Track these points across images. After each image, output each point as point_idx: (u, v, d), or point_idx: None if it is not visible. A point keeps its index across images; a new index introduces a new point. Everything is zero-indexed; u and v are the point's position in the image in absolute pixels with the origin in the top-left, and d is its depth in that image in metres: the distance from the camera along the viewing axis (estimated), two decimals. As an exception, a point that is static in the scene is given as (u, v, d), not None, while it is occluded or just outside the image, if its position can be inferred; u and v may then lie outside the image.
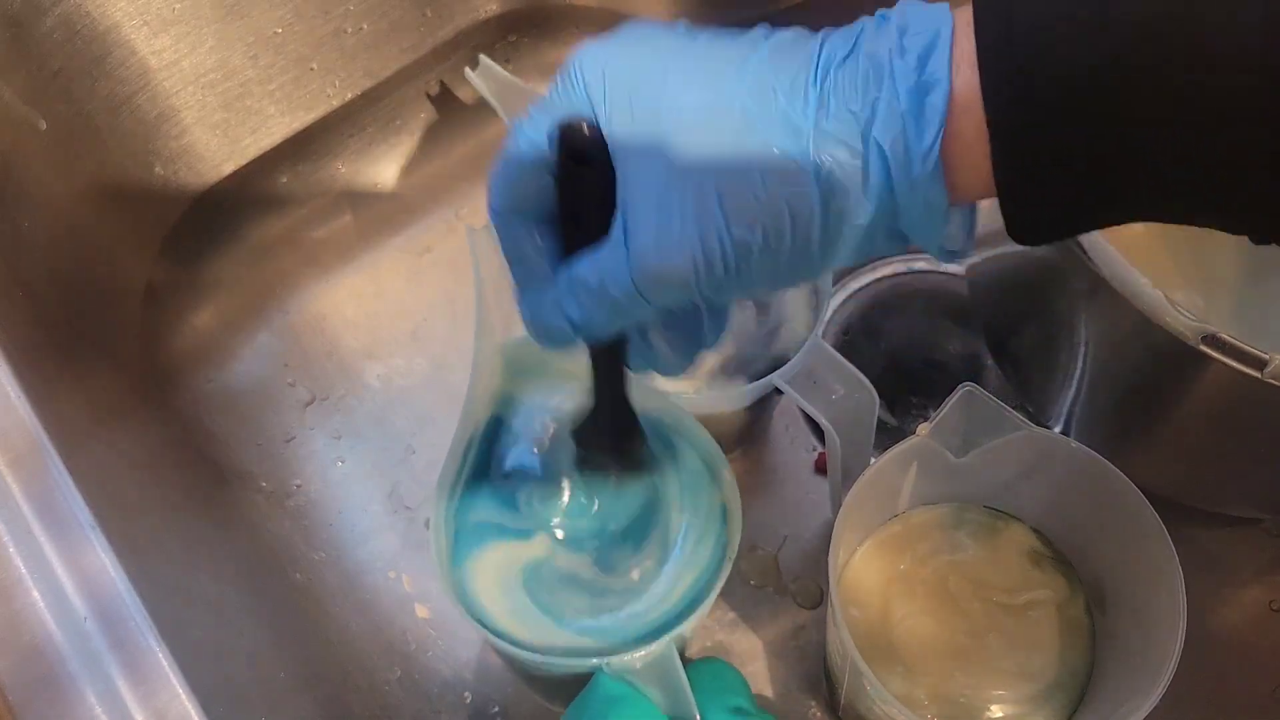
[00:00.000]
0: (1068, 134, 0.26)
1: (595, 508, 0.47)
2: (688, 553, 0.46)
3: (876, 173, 0.28)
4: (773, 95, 0.29)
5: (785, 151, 0.29)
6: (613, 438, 0.44)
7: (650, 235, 0.30)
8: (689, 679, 0.41)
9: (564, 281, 0.33)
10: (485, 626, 0.43)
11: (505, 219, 0.34)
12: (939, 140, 0.28)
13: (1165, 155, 0.26)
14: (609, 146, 0.31)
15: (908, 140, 0.28)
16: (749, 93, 0.29)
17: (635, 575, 0.45)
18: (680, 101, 0.30)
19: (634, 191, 0.31)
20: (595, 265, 0.32)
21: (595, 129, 0.31)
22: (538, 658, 0.42)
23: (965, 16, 0.28)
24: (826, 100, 0.29)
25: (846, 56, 0.29)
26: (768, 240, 0.30)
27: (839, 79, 0.29)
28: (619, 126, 0.31)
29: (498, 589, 0.45)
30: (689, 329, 0.36)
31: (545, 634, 0.44)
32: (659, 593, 0.45)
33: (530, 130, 0.32)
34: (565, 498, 0.47)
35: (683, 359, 0.36)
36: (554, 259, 0.34)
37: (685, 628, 0.42)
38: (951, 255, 0.31)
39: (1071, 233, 0.30)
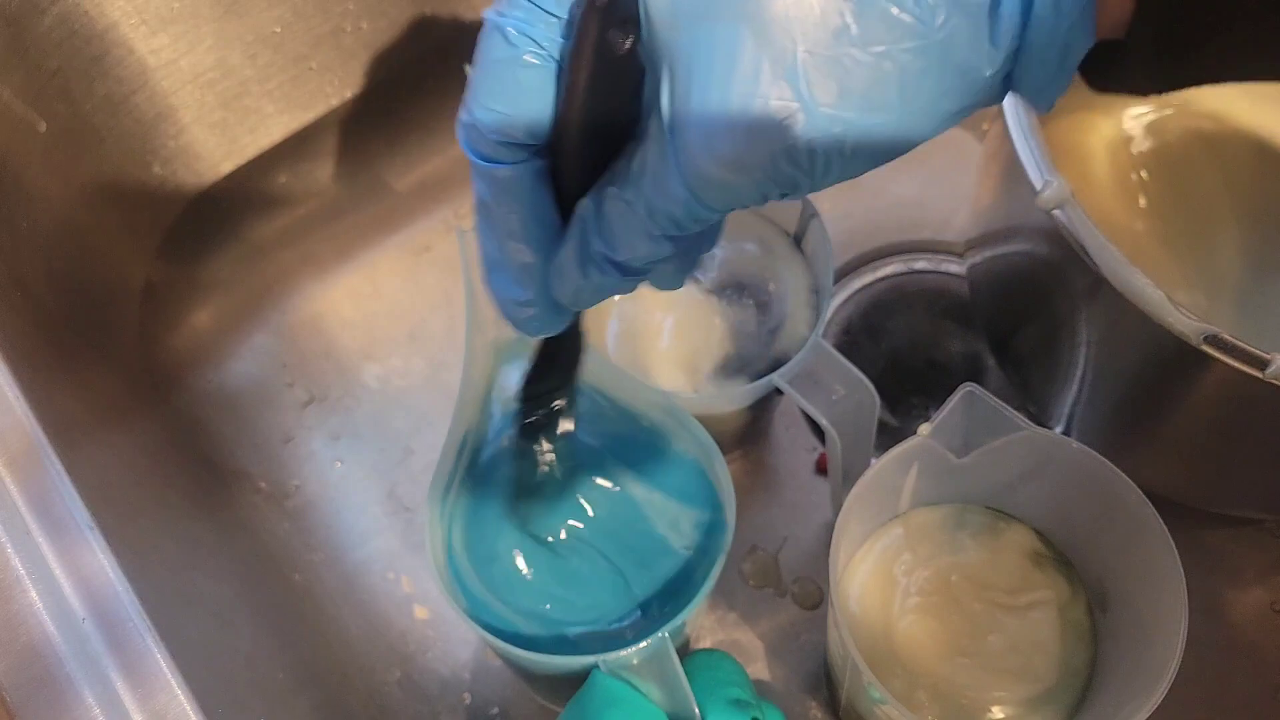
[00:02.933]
0: None
1: (590, 504, 0.47)
2: (682, 548, 0.46)
3: (1011, 7, 0.24)
4: None
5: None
6: (566, 371, 0.40)
7: (718, 123, 0.24)
8: (686, 673, 0.41)
9: (602, 213, 0.27)
10: (482, 626, 0.43)
11: (493, 147, 0.27)
12: None
13: None
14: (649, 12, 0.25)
15: None
16: None
17: (630, 571, 0.45)
18: None
19: (687, 69, 0.24)
20: (643, 183, 0.26)
21: None
22: (534, 656, 0.42)
23: None
24: None
25: None
26: (868, 107, 0.24)
27: None
28: None
29: (494, 588, 0.45)
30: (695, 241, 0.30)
31: (541, 632, 0.44)
32: (654, 589, 0.45)
33: (522, 10, 0.26)
34: (560, 495, 0.47)
35: (682, 271, 0.30)
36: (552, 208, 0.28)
37: (680, 622, 0.42)
38: (1049, 106, 0.26)
39: (1195, 81, 0.25)
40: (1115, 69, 0.25)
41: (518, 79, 0.26)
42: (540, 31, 0.26)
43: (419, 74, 0.66)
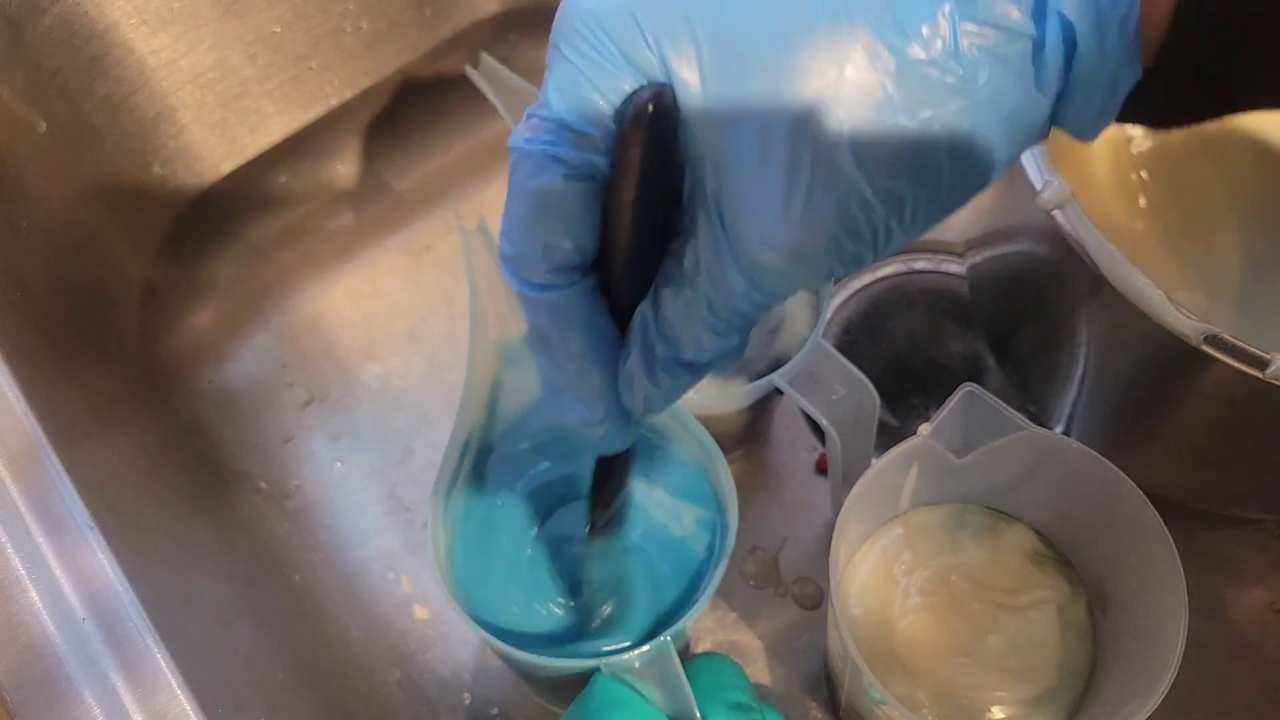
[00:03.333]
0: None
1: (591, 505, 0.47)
2: (684, 550, 0.46)
3: (1055, 53, 0.23)
4: None
5: (935, 60, 0.23)
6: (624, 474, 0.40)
7: (769, 213, 0.24)
8: (688, 676, 0.41)
9: (660, 319, 0.26)
10: (483, 626, 0.43)
11: (541, 274, 0.26)
12: (1137, 4, 0.23)
13: None
14: (685, 120, 0.25)
15: (1100, 8, 0.23)
16: None
17: (632, 573, 0.45)
18: (767, 26, 0.23)
19: (734, 163, 0.24)
20: (694, 283, 0.26)
21: (673, 95, 0.24)
22: (535, 659, 0.42)
23: None
24: None
25: None
26: (923, 180, 0.24)
27: None
28: (690, 86, 0.24)
29: (495, 589, 0.45)
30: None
31: (542, 634, 0.44)
32: (656, 591, 0.45)
33: (551, 134, 0.25)
34: (561, 496, 0.47)
35: (741, 352, 0.30)
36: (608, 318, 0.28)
37: (682, 626, 0.42)
38: (1095, 136, 0.26)
39: (1230, 111, 0.25)
40: (1142, 100, 0.25)
41: (556, 205, 0.26)
42: (570, 153, 0.25)
43: (419, 74, 0.66)
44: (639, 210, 0.26)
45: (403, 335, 0.63)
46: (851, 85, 0.23)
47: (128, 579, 0.39)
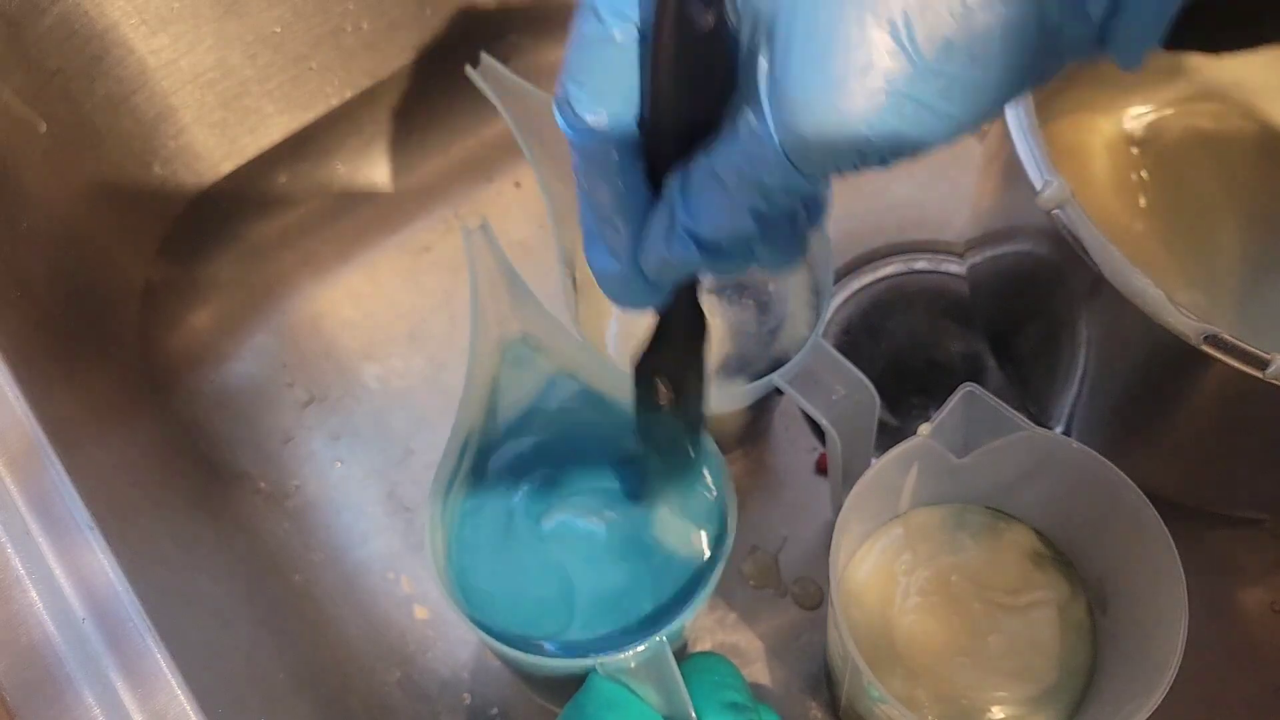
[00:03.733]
0: None
1: (589, 506, 0.47)
2: (683, 550, 0.46)
3: None
4: None
5: None
6: (689, 427, 0.39)
7: (818, 82, 0.24)
8: (683, 676, 0.41)
9: (688, 186, 0.26)
10: (480, 626, 0.43)
11: (588, 123, 0.27)
12: None
13: None
14: None
15: None
16: None
17: (630, 573, 0.45)
18: None
19: (793, 17, 0.24)
20: (730, 149, 0.25)
21: None
22: (532, 658, 0.42)
23: None
24: None
25: None
26: (971, 65, 0.23)
27: None
28: None
29: (493, 589, 0.45)
30: (787, 219, 0.28)
31: (540, 633, 0.44)
32: (653, 591, 0.45)
33: (609, 7, 0.26)
34: (560, 497, 0.47)
35: (793, 254, 0.29)
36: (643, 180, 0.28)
37: (678, 626, 0.42)
38: (1139, 62, 0.25)
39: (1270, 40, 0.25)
40: (1191, 24, 0.24)
41: (606, 56, 0.26)
42: (630, 7, 0.26)
43: (419, 74, 0.66)
44: (674, 74, 0.25)
45: (403, 335, 0.63)
46: None
47: (127, 579, 0.39)
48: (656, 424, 0.40)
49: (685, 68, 0.25)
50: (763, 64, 0.25)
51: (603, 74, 0.26)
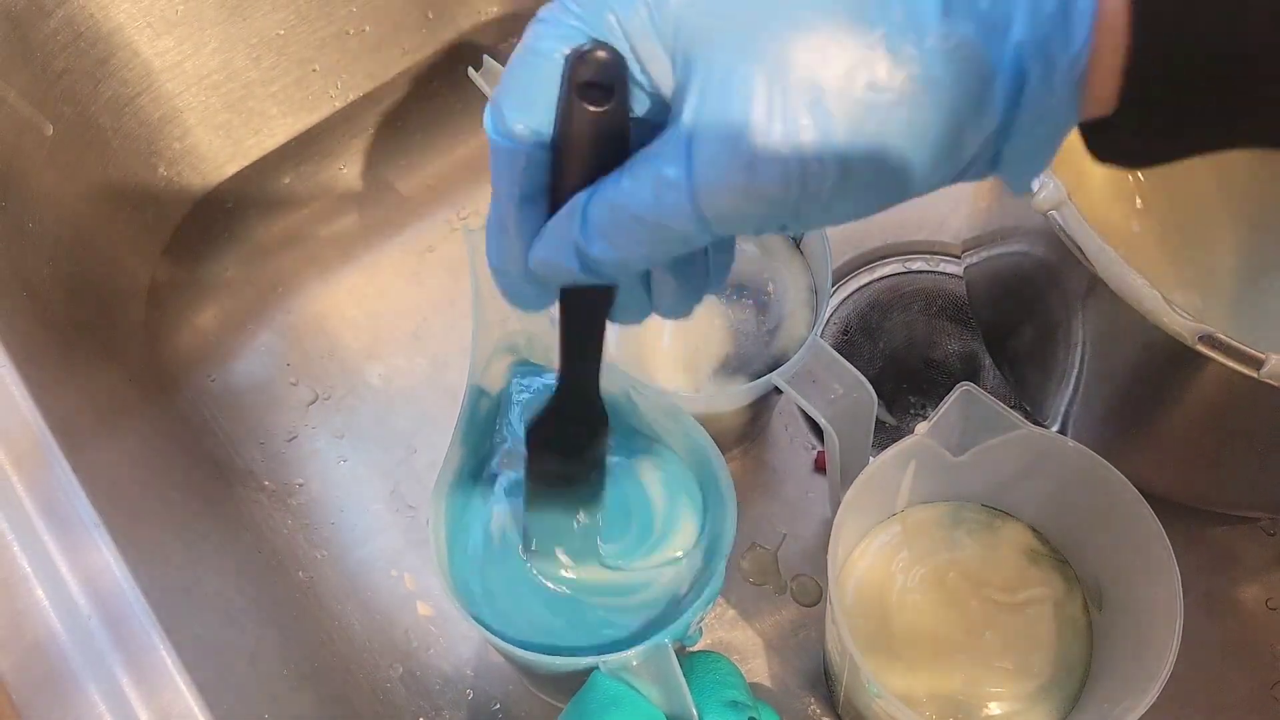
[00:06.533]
0: (1225, 39, 0.23)
1: (592, 506, 0.47)
2: (684, 550, 0.46)
3: (1007, 81, 0.25)
4: None
5: (901, 54, 0.25)
6: (583, 425, 0.40)
7: (731, 150, 0.25)
8: (685, 674, 0.41)
9: (590, 208, 0.28)
10: (483, 624, 0.43)
11: (510, 137, 0.29)
12: (1089, 45, 0.24)
13: None
14: (675, 40, 0.26)
15: (1051, 46, 0.24)
16: None
17: (632, 573, 0.45)
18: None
19: (713, 93, 0.26)
20: (642, 186, 0.27)
21: (615, 57, 0.27)
22: (534, 656, 0.42)
23: None
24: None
25: None
26: (869, 158, 0.25)
27: None
28: (697, 10, 0.26)
29: (496, 587, 0.45)
30: (693, 267, 0.31)
31: (543, 632, 0.44)
32: (655, 590, 0.45)
33: (558, 25, 0.28)
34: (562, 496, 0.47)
35: (686, 302, 0.32)
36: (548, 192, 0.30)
37: (681, 625, 0.43)
38: (1028, 186, 0.28)
39: (1179, 155, 0.27)
40: (1112, 142, 0.26)
41: (533, 76, 0.28)
42: (570, 38, 0.28)
43: (422, 76, 0.66)
44: (572, 144, 0.28)
45: (406, 335, 0.63)
46: (832, 53, 0.25)
47: (133, 576, 0.39)
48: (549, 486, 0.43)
49: (587, 144, 0.28)
50: (684, 122, 0.26)
51: (525, 90, 0.28)
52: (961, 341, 0.60)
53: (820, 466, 0.58)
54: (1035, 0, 0.24)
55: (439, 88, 0.67)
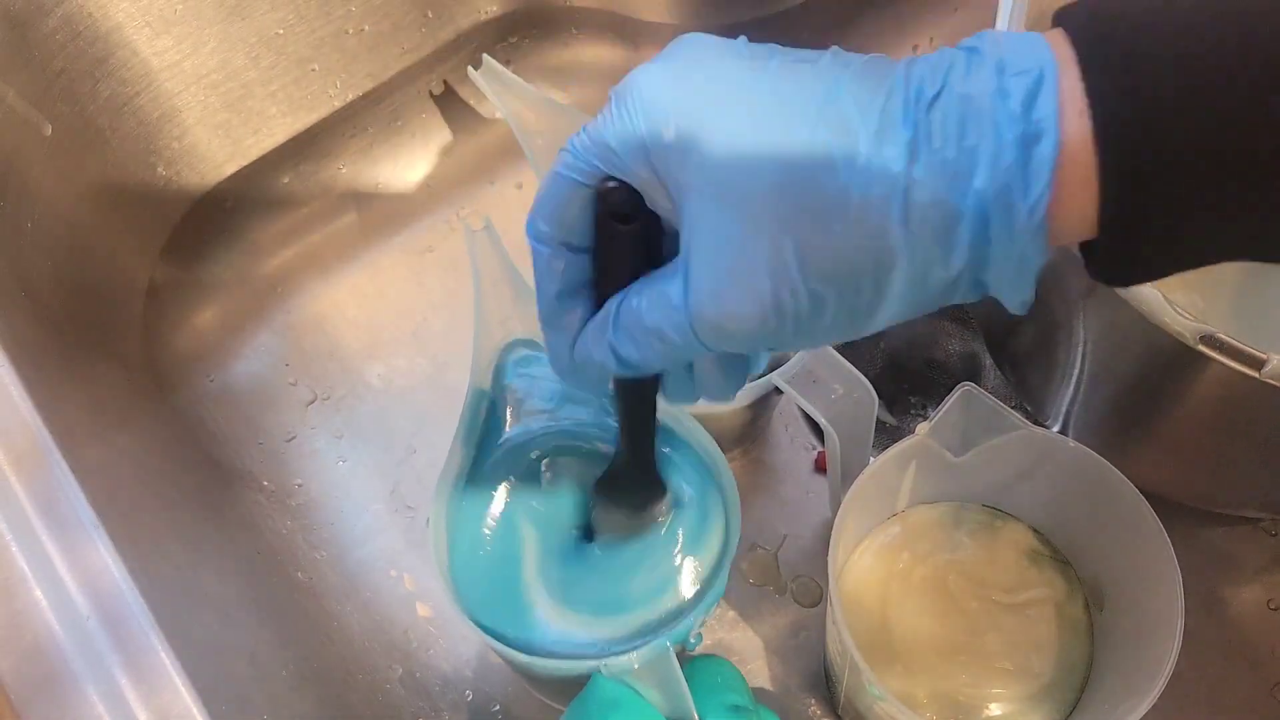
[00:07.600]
0: (1195, 175, 0.25)
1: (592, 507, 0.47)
2: (686, 553, 0.46)
3: (971, 226, 0.26)
4: (856, 138, 0.27)
5: (871, 201, 0.27)
6: (640, 488, 0.44)
7: (715, 285, 0.29)
8: (686, 677, 0.41)
9: (619, 314, 0.31)
10: (482, 627, 0.43)
11: (548, 244, 0.32)
12: (1047, 193, 0.26)
13: None
14: (670, 187, 0.30)
15: (1011, 194, 0.26)
16: (829, 133, 0.27)
17: (633, 575, 0.45)
18: (751, 140, 0.28)
19: (699, 237, 0.29)
20: (653, 304, 0.30)
21: (633, 194, 0.31)
22: (534, 659, 0.42)
23: (1062, 49, 0.26)
24: (918, 146, 0.26)
25: (937, 96, 0.26)
26: (844, 294, 0.28)
27: (931, 122, 0.26)
28: (683, 166, 0.29)
29: (496, 588, 0.45)
30: (732, 357, 0.34)
31: (543, 634, 0.44)
32: (657, 593, 0.45)
33: (580, 159, 0.31)
34: (563, 498, 0.47)
35: (730, 387, 0.34)
36: (591, 294, 0.33)
37: (683, 628, 0.43)
38: (1026, 306, 0.29)
39: (1172, 271, 0.27)
40: (1108, 262, 0.27)
41: (561, 197, 0.32)
42: (595, 163, 0.31)
43: (421, 76, 0.66)
44: (609, 257, 0.32)
45: (406, 335, 0.63)
46: (805, 196, 0.27)
47: (132, 577, 0.39)
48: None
49: (616, 255, 0.32)
50: (682, 256, 0.30)
51: (558, 209, 0.32)
52: (962, 341, 0.60)
53: (820, 467, 0.58)
54: (997, 150, 0.26)
55: (438, 87, 0.67)
